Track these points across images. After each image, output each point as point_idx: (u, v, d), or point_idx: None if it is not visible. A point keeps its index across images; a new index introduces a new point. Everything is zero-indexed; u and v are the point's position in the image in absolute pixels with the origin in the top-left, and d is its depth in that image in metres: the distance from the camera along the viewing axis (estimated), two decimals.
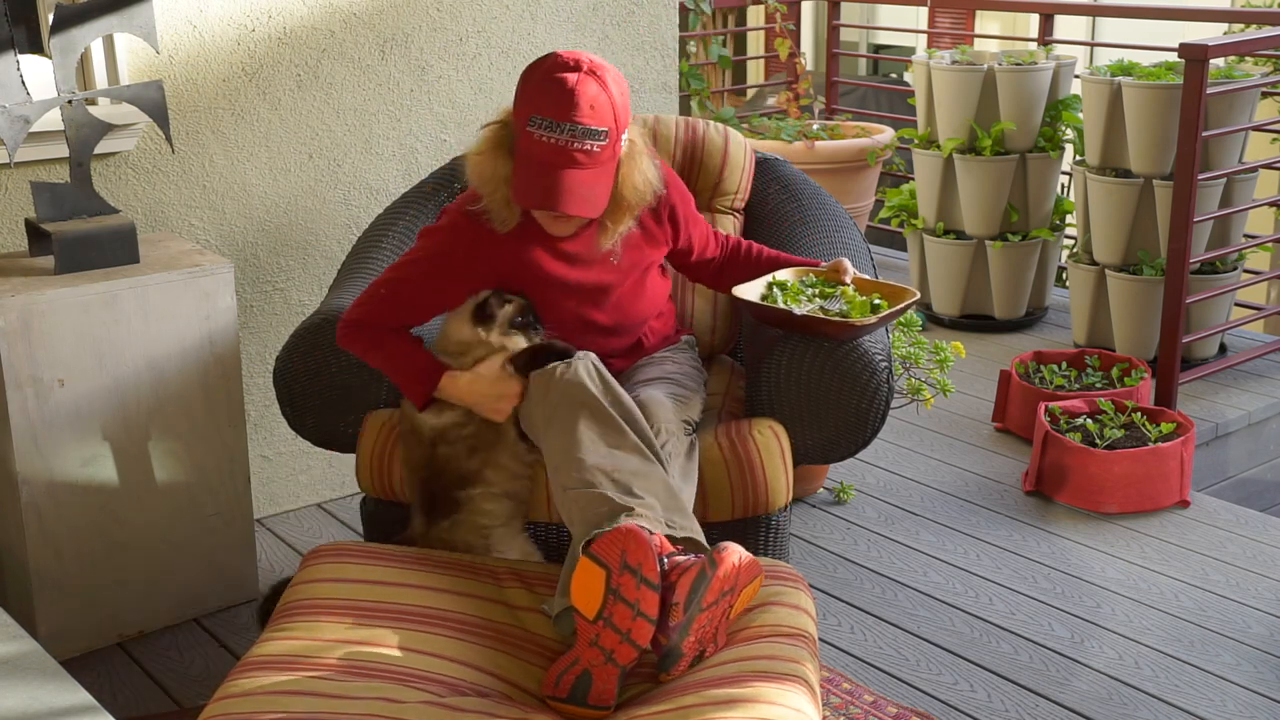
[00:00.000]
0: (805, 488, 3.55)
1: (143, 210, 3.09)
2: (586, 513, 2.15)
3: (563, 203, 2.25)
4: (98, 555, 2.79)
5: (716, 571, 2.02)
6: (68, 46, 2.70)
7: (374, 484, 2.57)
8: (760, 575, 2.13)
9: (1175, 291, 4.04)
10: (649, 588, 2.00)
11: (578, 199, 2.26)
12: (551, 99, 2.23)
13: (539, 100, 2.25)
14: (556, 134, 2.22)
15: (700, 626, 2.04)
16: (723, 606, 2.07)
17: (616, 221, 2.39)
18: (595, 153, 2.25)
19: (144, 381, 2.77)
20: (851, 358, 2.48)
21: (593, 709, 2.01)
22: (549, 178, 2.24)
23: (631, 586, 2.00)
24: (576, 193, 2.25)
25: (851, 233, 2.95)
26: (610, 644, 2.01)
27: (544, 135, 2.23)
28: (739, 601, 2.11)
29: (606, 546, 2.02)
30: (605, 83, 2.26)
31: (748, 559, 2.08)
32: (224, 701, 1.92)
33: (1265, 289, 7.80)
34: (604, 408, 2.26)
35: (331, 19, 3.28)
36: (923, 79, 4.88)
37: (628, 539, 2.01)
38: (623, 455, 2.22)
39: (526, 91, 2.29)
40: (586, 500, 2.16)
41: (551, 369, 2.32)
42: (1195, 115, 3.90)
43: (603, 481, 2.16)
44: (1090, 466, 3.47)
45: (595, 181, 2.28)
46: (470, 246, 2.41)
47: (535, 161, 2.26)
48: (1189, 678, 2.75)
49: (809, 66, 6.10)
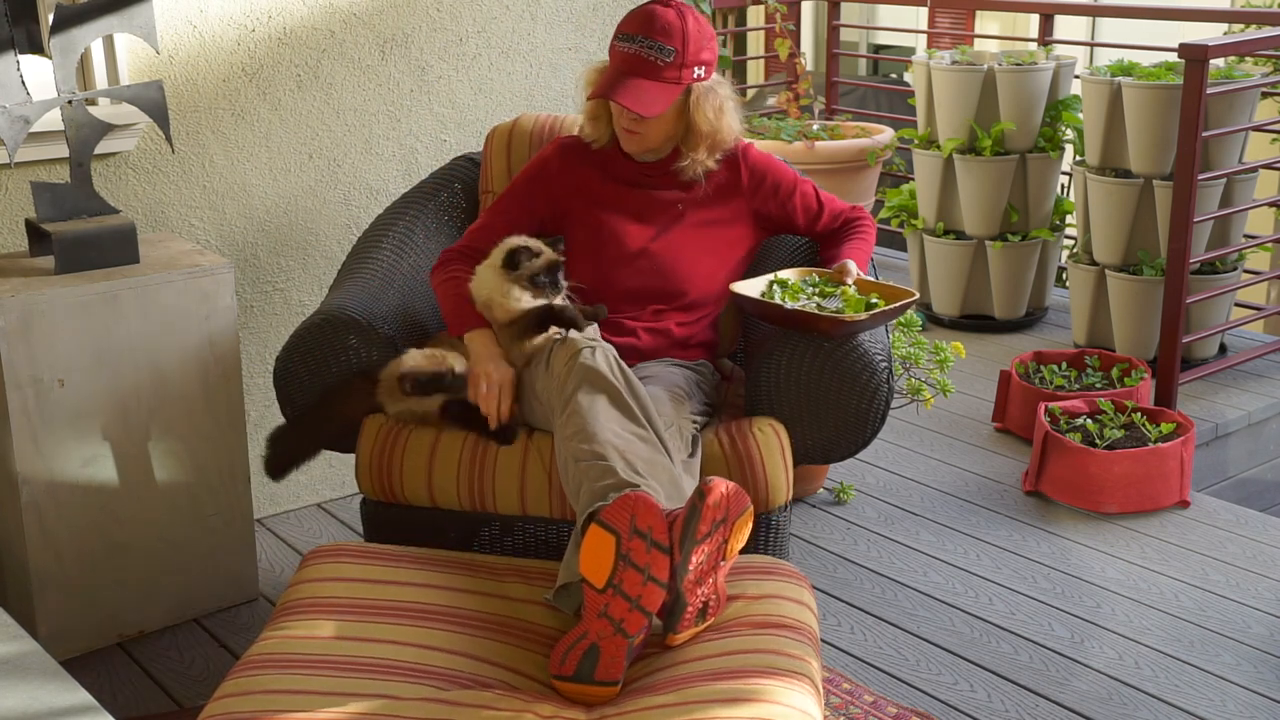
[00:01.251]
0: (805, 488, 3.55)
1: (143, 210, 3.10)
2: (595, 484, 2.18)
3: (620, 94, 2.57)
4: (98, 555, 2.79)
5: (706, 500, 2.05)
6: (68, 46, 2.70)
7: (374, 485, 2.57)
8: (749, 508, 2.14)
9: (1175, 291, 4.04)
10: (659, 550, 2.03)
11: (634, 96, 2.57)
12: (634, 19, 2.63)
13: (626, 23, 2.64)
14: (629, 44, 2.60)
15: (698, 563, 2.06)
16: (716, 540, 2.09)
17: (692, 148, 2.68)
18: (659, 66, 2.58)
19: (144, 381, 2.77)
20: (851, 358, 2.48)
21: (600, 685, 2.01)
22: (619, 80, 2.60)
23: (641, 550, 2.03)
24: (635, 92, 2.57)
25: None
26: (619, 613, 2.02)
27: (622, 46, 2.61)
28: (733, 537, 2.13)
29: (616, 512, 2.05)
30: (684, 14, 2.61)
31: (734, 488, 2.11)
32: (224, 701, 1.92)
33: (1265, 289, 7.80)
34: (621, 395, 2.31)
35: (331, 19, 3.28)
36: (923, 79, 4.88)
37: (637, 504, 2.04)
38: (635, 440, 2.26)
39: (623, 18, 2.67)
40: (598, 472, 2.19)
41: (573, 353, 2.36)
42: (1195, 115, 3.90)
43: (614, 456, 2.20)
44: (1090, 466, 3.47)
45: (656, 92, 2.59)
46: (554, 166, 2.76)
47: (612, 66, 2.64)
48: (1189, 678, 2.75)
49: (809, 66, 6.10)
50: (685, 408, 2.48)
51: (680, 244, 2.70)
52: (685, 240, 2.70)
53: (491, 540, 2.56)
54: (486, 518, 2.55)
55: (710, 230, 2.72)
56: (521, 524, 2.55)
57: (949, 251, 4.89)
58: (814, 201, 2.79)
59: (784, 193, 2.76)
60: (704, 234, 2.72)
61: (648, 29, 2.58)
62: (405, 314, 2.74)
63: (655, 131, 2.66)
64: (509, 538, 2.56)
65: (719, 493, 2.07)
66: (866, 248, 2.76)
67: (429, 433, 2.53)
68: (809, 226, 2.80)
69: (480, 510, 2.54)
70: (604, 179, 2.74)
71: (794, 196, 2.76)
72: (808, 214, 2.79)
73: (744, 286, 2.59)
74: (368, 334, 2.59)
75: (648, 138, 2.67)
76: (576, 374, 2.34)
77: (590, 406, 2.28)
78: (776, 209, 2.77)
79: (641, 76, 2.58)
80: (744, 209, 2.75)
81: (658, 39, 2.57)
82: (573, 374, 2.34)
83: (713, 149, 2.69)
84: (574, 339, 2.41)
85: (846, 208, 2.83)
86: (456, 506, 2.54)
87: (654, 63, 2.58)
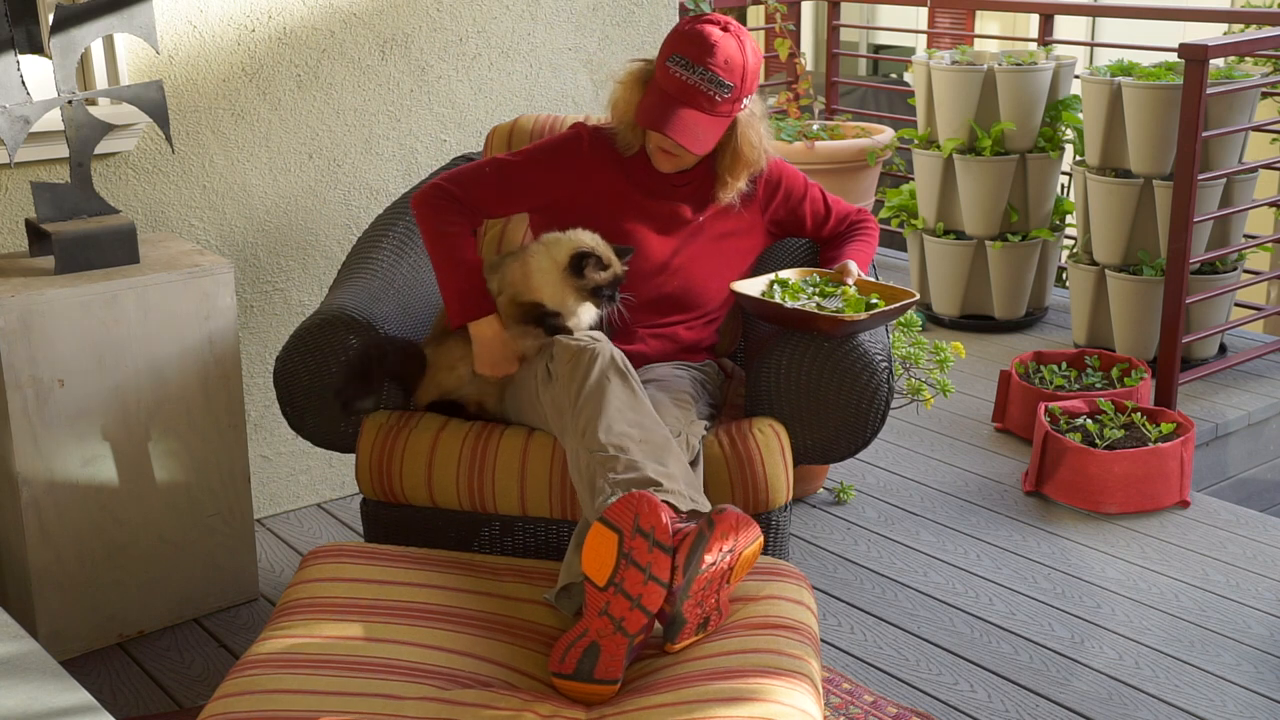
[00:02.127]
0: (805, 488, 3.55)
1: (143, 210, 3.10)
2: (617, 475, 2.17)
3: (674, 130, 2.47)
4: (98, 555, 2.79)
5: (715, 530, 2.05)
6: (68, 46, 2.70)
7: (373, 485, 2.57)
8: (759, 538, 2.15)
9: (1175, 291, 4.04)
10: (662, 550, 2.03)
11: (689, 133, 2.48)
12: (695, 45, 2.48)
13: (684, 44, 2.50)
14: (689, 74, 2.48)
15: (700, 588, 2.07)
16: (722, 567, 2.09)
17: (735, 176, 2.62)
18: (717, 102, 2.49)
19: (144, 381, 2.77)
20: (851, 358, 2.48)
21: (599, 684, 2.02)
22: (671, 108, 2.49)
23: (644, 550, 2.03)
24: (690, 128, 2.48)
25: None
26: (620, 611, 2.03)
27: (679, 72, 2.48)
28: (739, 565, 2.13)
29: (619, 511, 2.05)
30: (744, 46, 2.50)
31: (744, 518, 2.11)
32: (224, 701, 1.92)
33: (1265, 289, 7.80)
34: (632, 385, 2.32)
35: (331, 19, 3.28)
36: (923, 79, 4.88)
37: (640, 503, 2.04)
38: (650, 427, 2.26)
39: (675, 35, 2.54)
40: (621, 466, 2.18)
41: (576, 352, 2.35)
42: (1195, 115, 3.90)
43: (632, 448, 2.20)
44: (1090, 467, 3.47)
45: (709, 126, 2.51)
46: (584, 154, 2.64)
47: (665, 92, 2.50)
48: (1189, 678, 2.75)
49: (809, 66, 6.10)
50: (691, 413, 2.48)
51: (700, 258, 2.68)
52: (705, 254, 2.69)
53: (491, 540, 2.56)
54: (486, 518, 2.55)
55: (727, 242, 2.71)
56: (521, 524, 2.55)
57: (949, 251, 4.89)
58: (822, 206, 2.79)
59: (795, 199, 2.75)
60: (722, 246, 2.71)
61: (709, 60, 2.46)
62: (405, 314, 2.74)
63: (692, 157, 2.59)
64: (509, 538, 2.56)
65: (727, 523, 2.07)
66: (868, 249, 2.77)
67: (429, 433, 2.53)
68: (816, 231, 2.80)
69: (480, 510, 2.54)
70: (629, 186, 2.65)
71: (804, 203, 2.76)
72: (816, 219, 2.79)
73: (744, 286, 2.59)
74: (368, 334, 2.58)
75: (683, 161, 2.60)
76: (583, 369, 2.33)
77: (601, 399, 2.27)
78: (787, 215, 2.76)
79: (695, 109, 2.48)
80: (759, 220, 2.74)
81: (719, 74, 2.47)
82: (579, 369, 2.33)
83: (751, 175, 2.65)
84: (573, 341, 2.39)
85: (852, 210, 2.83)
86: (456, 506, 2.54)
87: (711, 97, 2.48)
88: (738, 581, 2.17)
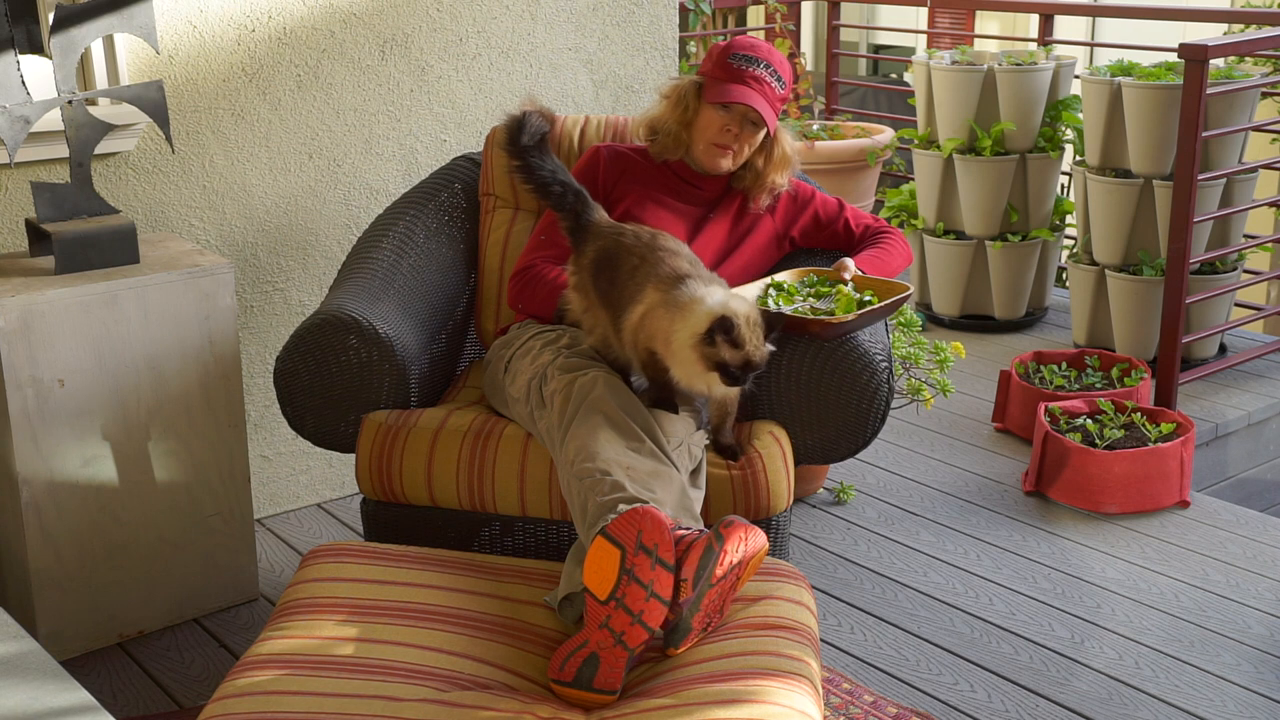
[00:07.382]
0: (805, 488, 3.55)
1: (143, 210, 3.10)
2: (602, 497, 2.17)
3: (749, 98, 2.65)
4: (98, 555, 2.79)
5: (724, 545, 2.05)
6: (68, 46, 2.70)
7: (373, 485, 2.57)
8: (765, 547, 2.14)
9: (1175, 291, 4.04)
10: (664, 568, 2.02)
11: (761, 104, 2.67)
12: (750, 47, 2.73)
13: (739, 47, 2.72)
14: (754, 66, 2.69)
15: (709, 602, 2.07)
16: (730, 580, 2.09)
17: (778, 172, 2.80)
18: (777, 91, 2.72)
19: (144, 381, 2.77)
20: (851, 358, 2.48)
21: (598, 693, 2.01)
22: (741, 84, 2.68)
23: (646, 567, 2.02)
24: (759, 102, 2.67)
25: None
26: (621, 625, 2.02)
27: (741, 65, 2.69)
28: (745, 575, 2.13)
29: (622, 526, 2.04)
30: (784, 58, 2.75)
31: (752, 528, 2.10)
32: (224, 701, 1.92)
33: (1265, 289, 7.79)
34: (622, 417, 2.30)
35: (331, 19, 3.28)
36: (923, 79, 4.88)
37: (644, 519, 2.03)
38: (639, 457, 2.26)
39: (724, 46, 2.74)
40: (607, 487, 2.18)
41: (567, 382, 2.37)
42: (1195, 115, 3.90)
43: (619, 473, 2.19)
44: (1090, 467, 3.47)
45: (770, 110, 2.70)
46: (606, 167, 2.80)
47: (730, 78, 2.69)
48: (1189, 678, 2.75)
49: (809, 66, 6.11)
50: (694, 422, 2.48)
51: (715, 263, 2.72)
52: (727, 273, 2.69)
53: (491, 540, 2.56)
54: (486, 518, 2.55)
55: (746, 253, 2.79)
56: (521, 524, 2.55)
57: (949, 251, 4.89)
58: (841, 226, 2.88)
59: (824, 220, 2.87)
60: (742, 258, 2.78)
61: (769, 57, 2.71)
62: (405, 314, 2.74)
63: (745, 154, 2.74)
64: (509, 538, 2.56)
65: (737, 535, 2.07)
66: (884, 254, 2.79)
67: (429, 432, 2.53)
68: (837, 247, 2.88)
69: (480, 510, 2.54)
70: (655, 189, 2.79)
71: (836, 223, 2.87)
72: (835, 240, 2.88)
73: (741, 291, 2.57)
74: (368, 334, 2.58)
75: (739, 155, 2.74)
76: (574, 402, 2.33)
77: (589, 431, 2.27)
78: (815, 232, 2.88)
79: (759, 92, 2.68)
80: (781, 234, 2.85)
81: (777, 68, 2.71)
82: (570, 402, 2.34)
83: (791, 173, 2.82)
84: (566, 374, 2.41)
85: (871, 221, 2.90)
86: (456, 506, 2.54)
87: (771, 85, 2.70)
88: (742, 587, 2.17)
